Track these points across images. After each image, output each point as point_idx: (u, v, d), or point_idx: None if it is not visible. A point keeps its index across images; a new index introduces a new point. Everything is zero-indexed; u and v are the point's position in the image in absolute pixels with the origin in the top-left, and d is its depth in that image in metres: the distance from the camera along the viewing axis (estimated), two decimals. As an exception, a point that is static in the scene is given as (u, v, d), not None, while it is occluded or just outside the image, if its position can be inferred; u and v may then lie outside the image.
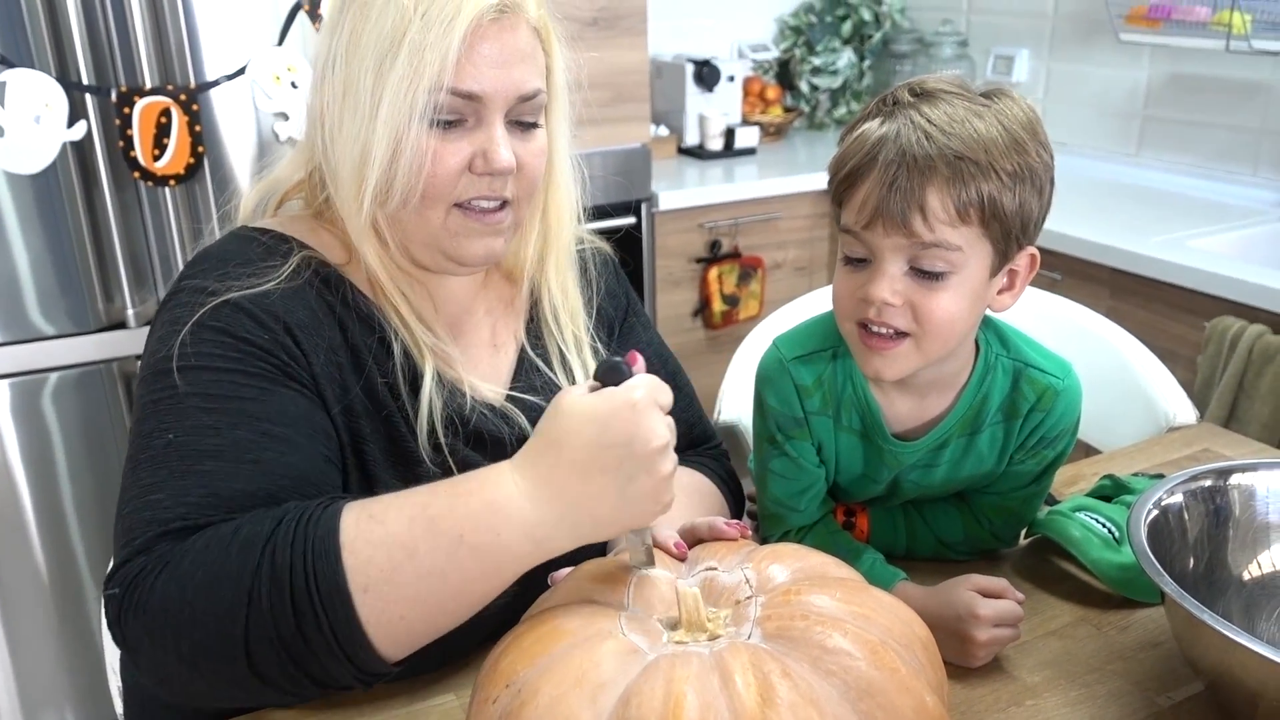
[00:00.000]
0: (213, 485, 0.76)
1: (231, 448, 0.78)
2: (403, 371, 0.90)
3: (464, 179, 0.87)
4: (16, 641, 1.91)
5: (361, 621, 0.70)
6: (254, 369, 0.81)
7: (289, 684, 0.72)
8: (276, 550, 0.70)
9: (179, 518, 0.74)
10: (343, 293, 0.90)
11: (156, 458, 0.77)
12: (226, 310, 0.82)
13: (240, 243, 0.90)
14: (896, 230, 0.84)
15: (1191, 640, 0.81)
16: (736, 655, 0.62)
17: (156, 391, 0.80)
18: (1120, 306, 2.10)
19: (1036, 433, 0.98)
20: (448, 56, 0.82)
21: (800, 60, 3.22)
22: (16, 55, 1.66)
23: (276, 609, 0.69)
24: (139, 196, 1.82)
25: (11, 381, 1.80)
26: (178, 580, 0.71)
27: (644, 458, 0.69)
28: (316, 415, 0.84)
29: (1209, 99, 2.46)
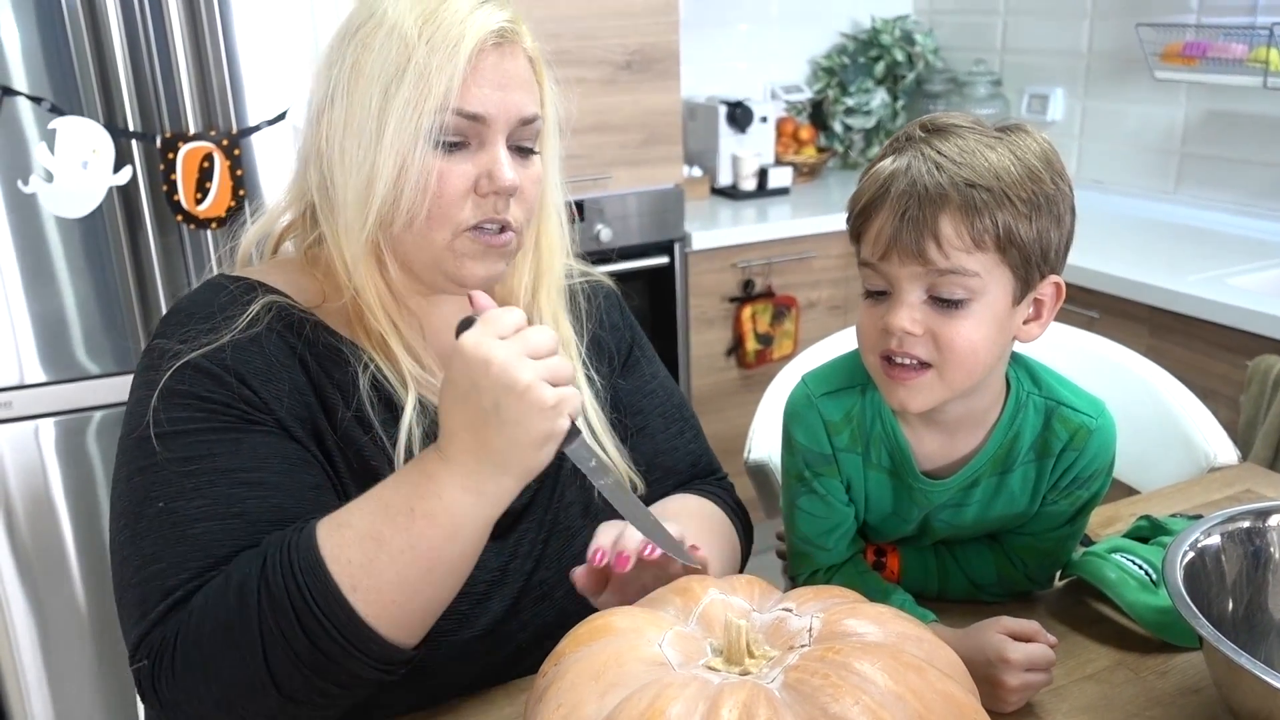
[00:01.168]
0: (205, 548, 0.81)
1: (214, 506, 0.82)
2: (371, 403, 0.92)
3: (470, 201, 0.90)
4: (56, 674, 1.93)
5: (362, 618, 0.75)
6: (219, 424, 0.85)
7: (319, 697, 0.77)
8: (270, 583, 0.76)
9: (182, 584, 0.80)
10: (305, 334, 0.92)
11: (151, 526, 0.82)
12: (188, 373, 0.86)
13: (209, 292, 0.93)
14: (912, 259, 0.85)
15: (1231, 686, 0.79)
16: (735, 692, 0.62)
17: (139, 459, 0.85)
18: (1160, 345, 2.07)
19: (1070, 473, 0.96)
20: (454, 78, 0.86)
21: (833, 101, 3.24)
22: (67, 104, 1.71)
23: (288, 633, 0.75)
24: (181, 239, 1.86)
25: (57, 420, 1.84)
26: (194, 640, 0.77)
27: (490, 384, 0.74)
28: (288, 448, 0.87)
29: (1246, 136, 2.44)
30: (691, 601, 0.74)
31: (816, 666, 0.64)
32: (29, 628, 1.89)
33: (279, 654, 0.75)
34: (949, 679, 0.66)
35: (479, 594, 0.93)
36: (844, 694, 0.61)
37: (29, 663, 1.91)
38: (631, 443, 1.08)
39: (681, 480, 1.13)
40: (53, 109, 1.70)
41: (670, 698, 0.62)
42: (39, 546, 1.86)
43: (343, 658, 0.75)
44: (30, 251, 1.75)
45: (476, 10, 0.88)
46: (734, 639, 0.68)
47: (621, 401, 1.10)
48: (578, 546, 1.01)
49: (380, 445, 0.92)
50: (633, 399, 1.11)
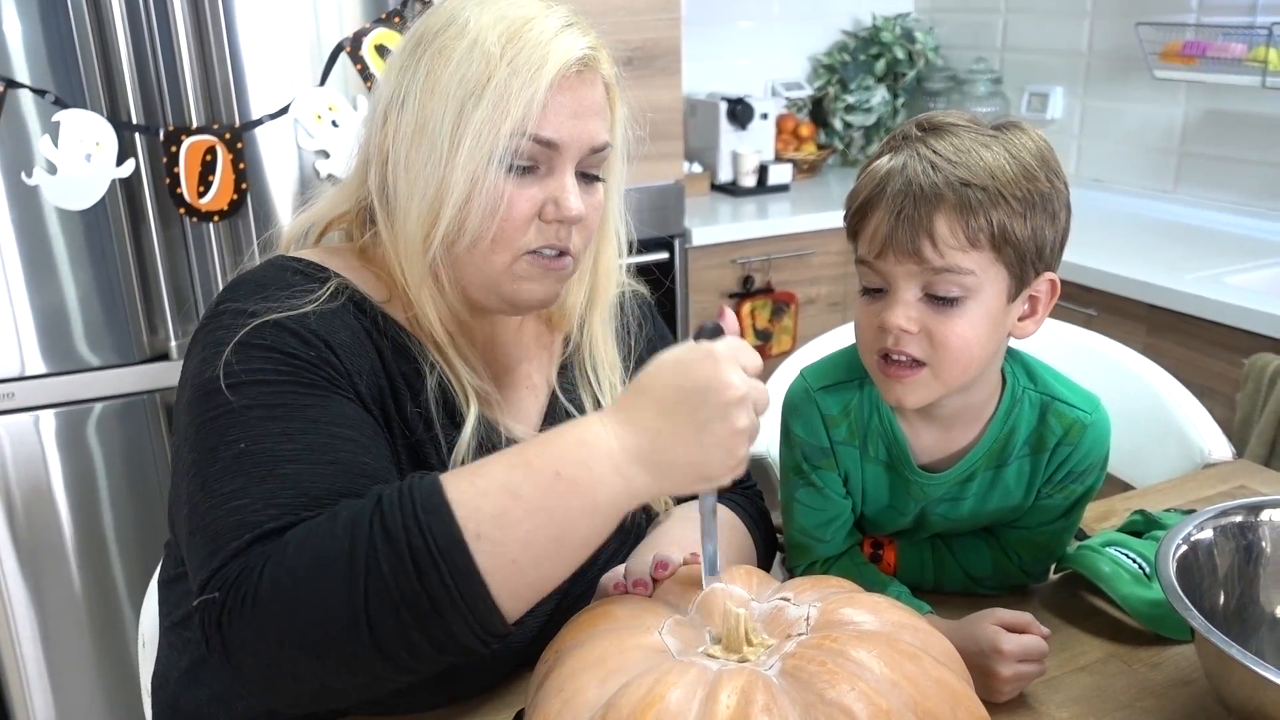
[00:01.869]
0: (299, 486, 0.76)
1: (308, 451, 0.78)
2: (436, 403, 0.91)
3: (533, 227, 0.89)
4: (56, 666, 1.94)
5: (480, 569, 0.70)
6: (306, 380, 0.82)
7: (409, 654, 0.71)
8: (386, 517, 0.71)
9: (271, 519, 0.75)
10: (377, 321, 0.91)
11: (230, 468, 0.78)
12: (269, 329, 0.83)
13: (277, 270, 0.91)
14: (907, 257, 0.86)
15: (1222, 677, 0.80)
16: (734, 678, 0.63)
17: (211, 410, 0.81)
18: (1157, 343, 2.08)
19: (1064, 467, 0.97)
20: (533, 103, 0.84)
21: (834, 98, 3.24)
22: (70, 96, 1.72)
23: (396, 570, 0.69)
24: (184, 232, 1.87)
25: (58, 411, 1.84)
26: (286, 567, 0.71)
27: (719, 405, 0.71)
28: (371, 421, 0.86)
29: (1245, 135, 2.45)
30: (691, 591, 0.75)
31: (813, 654, 0.65)
32: (29, 620, 1.90)
33: (381, 590, 0.69)
34: (944, 666, 0.67)
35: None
36: (840, 680, 0.62)
37: (30, 655, 1.92)
38: None
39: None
40: (56, 102, 1.71)
41: (670, 684, 0.63)
42: (39, 538, 1.87)
43: (448, 609, 0.70)
44: (32, 243, 1.76)
45: (561, 34, 0.87)
46: (732, 627, 0.69)
47: None
48: (603, 558, 0.99)
49: (437, 446, 0.91)
50: None
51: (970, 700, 0.66)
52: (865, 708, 0.61)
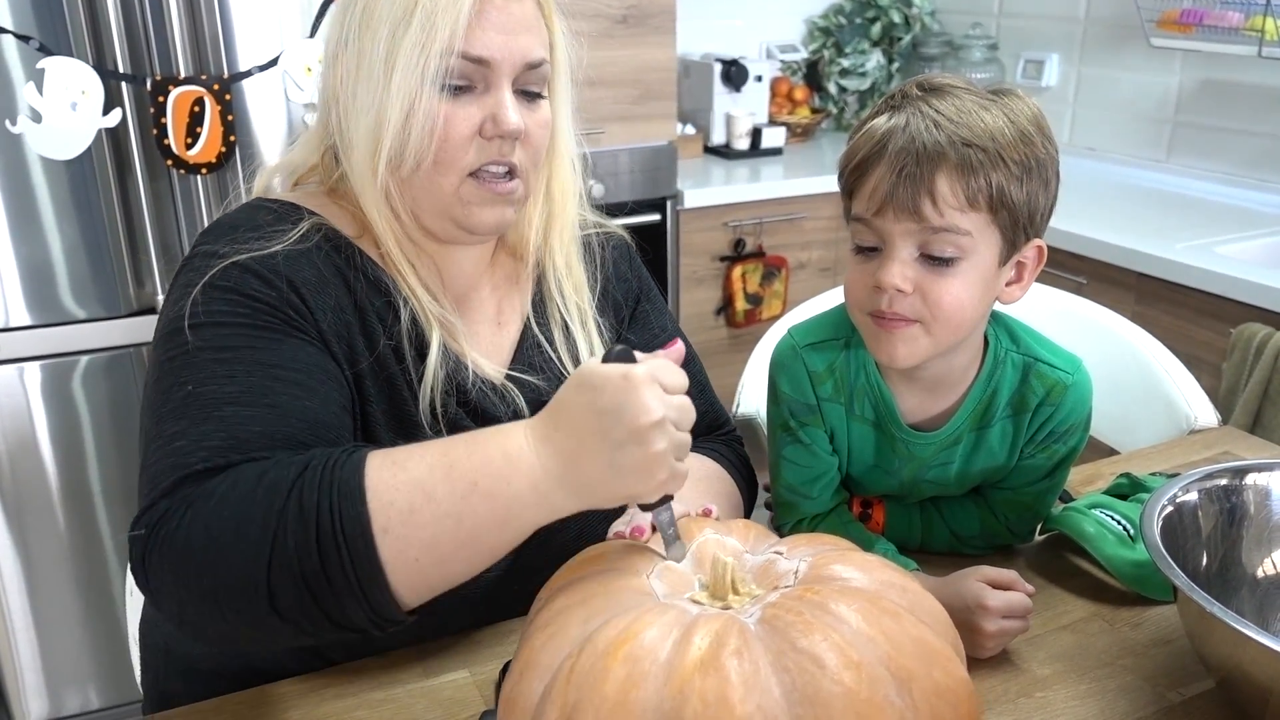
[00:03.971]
0: (231, 429, 0.78)
1: (247, 393, 0.80)
2: (409, 337, 0.92)
3: (475, 145, 0.90)
4: (42, 620, 1.95)
5: (382, 562, 0.72)
6: (262, 322, 0.84)
7: (307, 622, 0.74)
8: (303, 491, 0.72)
9: (200, 460, 0.77)
10: (351, 257, 0.93)
11: (176, 409, 0.80)
12: (234, 271, 0.85)
13: (252, 211, 0.93)
14: (907, 216, 0.86)
15: (1203, 635, 0.81)
16: (710, 622, 0.64)
17: (171, 350, 0.84)
18: (1146, 312, 2.09)
19: (1045, 427, 0.98)
20: (458, 21, 0.86)
21: (829, 62, 3.22)
22: (55, 44, 1.69)
23: (301, 548, 0.71)
24: (171, 184, 1.85)
25: (43, 364, 1.83)
26: (204, 519, 0.73)
27: (633, 430, 0.70)
28: (328, 364, 0.87)
29: (1239, 105, 2.44)
30: (686, 539, 0.76)
31: (793, 604, 0.66)
32: (15, 572, 1.90)
33: (285, 564, 0.71)
34: (925, 626, 0.67)
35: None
36: (814, 630, 0.63)
37: (15, 607, 1.92)
38: None
39: (699, 435, 1.13)
40: (41, 48, 1.68)
41: (647, 623, 0.64)
42: (25, 489, 1.87)
43: (345, 593, 0.72)
44: (17, 193, 1.74)
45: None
46: (719, 575, 0.69)
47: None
48: (578, 527, 1.00)
49: (408, 379, 0.93)
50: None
51: (949, 660, 0.66)
52: (836, 658, 0.61)
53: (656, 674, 0.61)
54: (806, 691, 0.60)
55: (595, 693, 0.61)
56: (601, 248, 1.10)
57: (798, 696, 0.60)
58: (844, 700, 0.60)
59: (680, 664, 0.61)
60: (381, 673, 0.90)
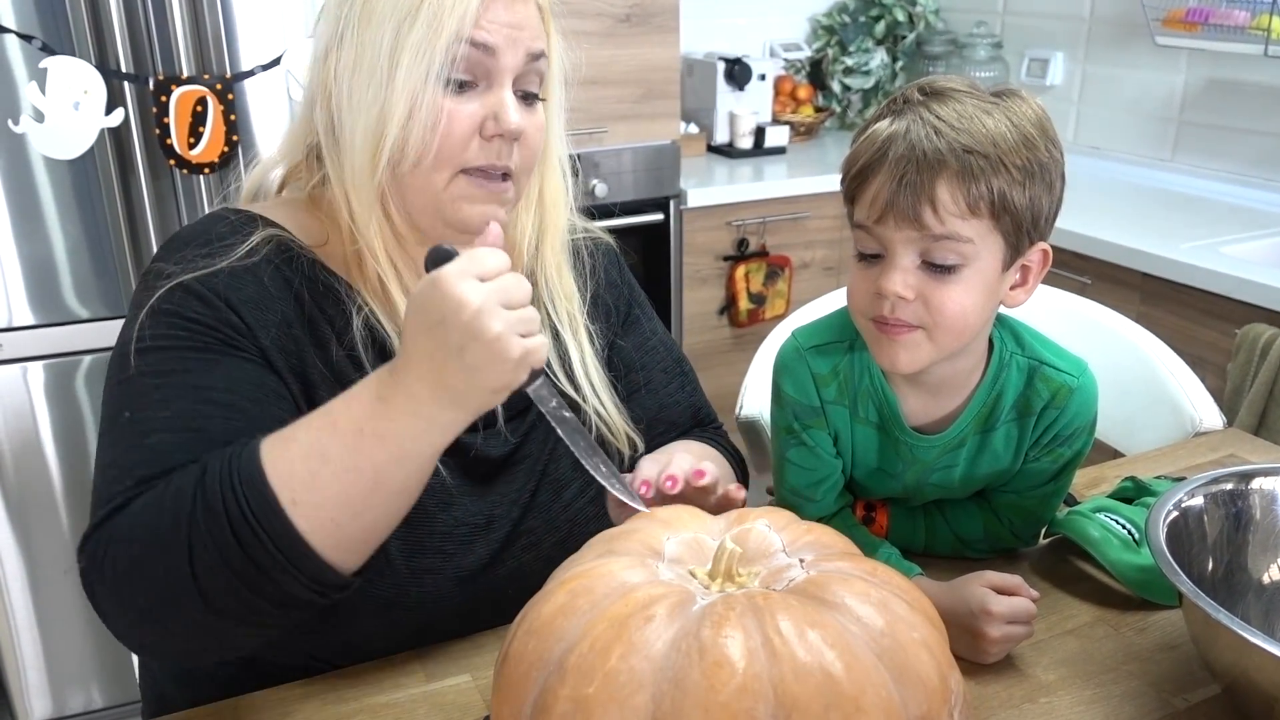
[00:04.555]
0: (157, 457, 0.80)
1: (175, 419, 0.82)
2: (364, 345, 0.92)
3: (474, 143, 0.90)
4: (45, 619, 1.95)
5: (300, 532, 0.74)
6: (199, 344, 0.85)
7: (248, 613, 0.76)
8: (206, 489, 0.75)
9: (124, 491, 0.79)
10: (302, 267, 0.93)
11: (116, 436, 0.83)
12: (178, 293, 0.87)
13: (209, 222, 0.93)
14: (908, 223, 0.85)
15: (1208, 641, 0.80)
16: (720, 604, 0.62)
17: (118, 375, 0.86)
18: (1151, 312, 2.08)
19: (1050, 430, 0.97)
20: (467, 14, 0.87)
21: (833, 60, 3.21)
22: (58, 43, 1.69)
23: (219, 540, 0.73)
24: (174, 184, 1.85)
25: (46, 363, 1.83)
26: (124, 543, 0.76)
27: (461, 326, 0.72)
28: (267, 379, 0.88)
29: (1246, 104, 2.43)
30: (743, 520, 0.75)
31: (784, 597, 0.64)
32: (18, 571, 1.90)
33: (208, 562, 0.73)
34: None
35: (461, 537, 0.94)
36: (781, 609, 0.62)
37: (19, 605, 1.92)
38: (635, 399, 1.09)
39: (682, 430, 1.14)
40: (43, 48, 1.68)
41: (624, 563, 0.66)
42: (28, 489, 1.87)
43: (277, 572, 0.74)
44: (20, 192, 1.74)
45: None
46: (726, 559, 0.68)
47: (623, 359, 1.10)
48: (567, 497, 1.01)
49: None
50: (634, 357, 1.12)
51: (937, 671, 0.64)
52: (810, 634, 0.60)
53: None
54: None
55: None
56: (591, 255, 1.11)
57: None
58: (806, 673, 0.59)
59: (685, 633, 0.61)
60: (383, 677, 0.90)
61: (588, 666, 0.59)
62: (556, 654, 0.61)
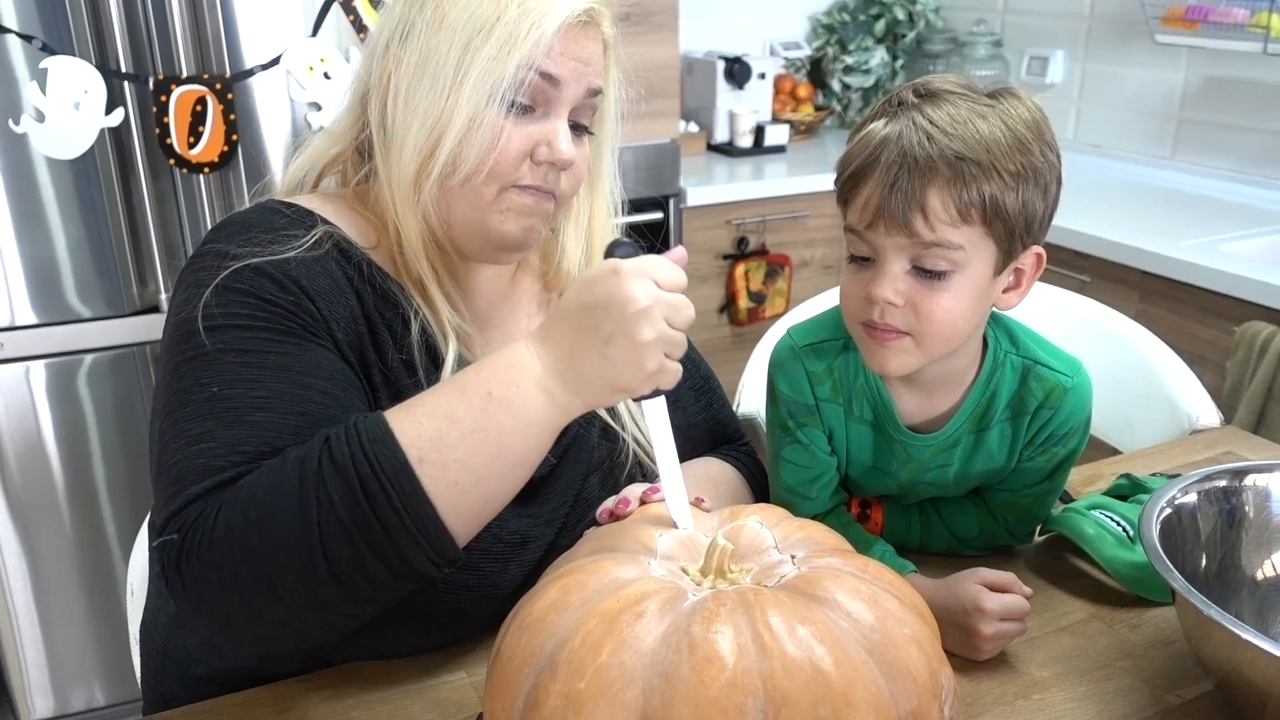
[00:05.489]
0: (263, 435, 0.78)
1: (276, 400, 0.80)
2: (419, 348, 0.92)
3: (524, 166, 0.91)
4: (48, 618, 1.95)
5: (426, 492, 0.73)
6: (282, 327, 0.84)
7: (365, 580, 0.74)
8: (333, 451, 0.74)
9: (233, 465, 0.77)
10: (361, 268, 0.92)
11: (200, 410, 0.79)
12: (248, 273, 0.85)
13: (265, 212, 0.92)
14: (898, 230, 0.85)
15: (1201, 638, 0.80)
16: (711, 600, 0.63)
17: (187, 351, 0.82)
18: (1150, 310, 2.08)
19: (1045, 430, 0.98)
20: (541, 41, 0.87)
21: (832, 59, 3.21)
22: (58, 43, 1.69)
23: (346, 499, 0.72)
24: (174, 183, 1.85)
25: (48, 362, 1.84)
26: (239, 509, 0.74)
27: (620, 319, 0.73)
28: (348, 371, 0.87)
29: (1245, 102, 2.43)
30: (736, 517, 0.76)
31: (775, 593, 0.65)
32: (21, 570, 1.91)
33: (334, 520, 0.72)
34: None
35: (498, 554, 0.93)
36: (771, 607, 0.63)
37: (21, 605, 1.93)
38: None
39: (708, 446, 1.14)
40: (44, 48, 1.68)
41: (617, 560, 0.67)
42: (30, 488, 1.88)
43: (400, 533, 0.73)
44: (21, 192, 1.74)
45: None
46: (718, 556, 0.69)
47: None
48: (591, 520, 1.01)
49: (420, 389, 0.90)
50: None
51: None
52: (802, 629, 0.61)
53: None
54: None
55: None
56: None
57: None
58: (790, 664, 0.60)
59: (677, 624, 0.62)
60: (379, 674, 0.91)
61: (578, 662, 0.59)
62: (548, 649, 0.62)
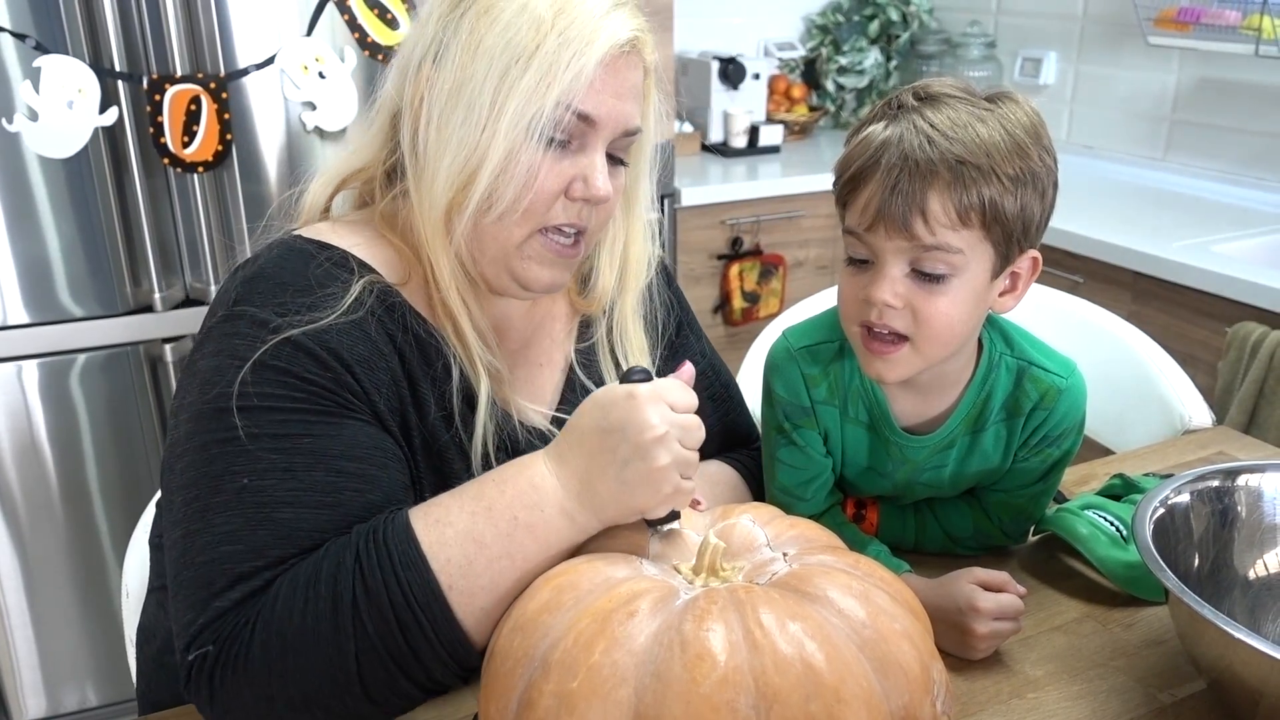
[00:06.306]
0: (290, 535, 0.77)
1: (307, 491, 0.78)
2: (459, 396, 0.90)
3: (559, 203, 0.88)
4: (40, 618, 1.95)
5: (457, 618, 0.75)
6: (319, 407, 0.81)
7: (398, 698, 0.76)
8: (365, 575, 0.74)
9: (258, 572, 0.76)
10: (402, 319, 0.89)
11: (230, 503, 0.77)
12: (287, 350, 0.81)
13: (298, 261, 0.87)
14: (898, 233, 0.85)
15: (1194, 637, 0.81)
16: (703, 598, 0.64)
17: (220, 431, 0.79)
18: (1142, 310, 2.09)
19: (1039, 431, 0.98)
20: (581, 75, 0.83)
21: (827, 59, 3.22)
22: (51, 42, 1.69)
23: (381, 630, 0.73)
24: (168, 182, 1.85)
25: (40, 362, 1.83)
26: (275, 630, 0.73)
27: (637, 445, 0.74)
28: (386, 443, 0.85)
29: (1237, 103, 2.44)
30: (728, 516, 0.77)
31: (766, 591, 0.66)
32: (13, 569, 1.90)
33: (370, 652, 0.73)
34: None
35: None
36: (763, 604, 0.64)
37: (13, 604, 1.92)
38: None
39: (717, 449, 1.13)
40: (37, 47, 1.68)
41: (609, 560, 0.69)
42: (22, 487, 1.87)
43: (430, 658, 0.74)
44: (14, 191, 1.74)
45: (614, 12, 0.86)
46: (711, 555, 0.70)
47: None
48: None
49: (458, 440, 0.91)
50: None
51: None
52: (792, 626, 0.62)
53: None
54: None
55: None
56: (659, 295, 1.10)
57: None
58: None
59: (669, 621, 0.62)
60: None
61: (571, 661, 0.59)
62: (541, 650, 0.62)
